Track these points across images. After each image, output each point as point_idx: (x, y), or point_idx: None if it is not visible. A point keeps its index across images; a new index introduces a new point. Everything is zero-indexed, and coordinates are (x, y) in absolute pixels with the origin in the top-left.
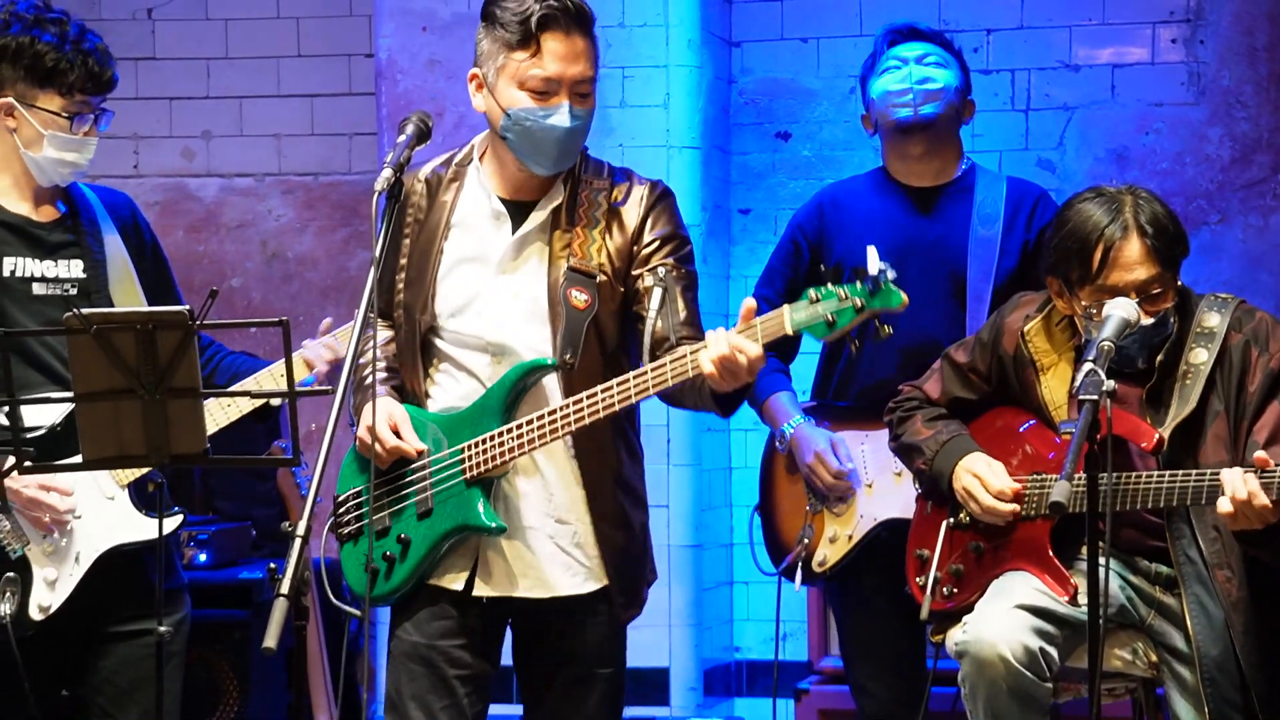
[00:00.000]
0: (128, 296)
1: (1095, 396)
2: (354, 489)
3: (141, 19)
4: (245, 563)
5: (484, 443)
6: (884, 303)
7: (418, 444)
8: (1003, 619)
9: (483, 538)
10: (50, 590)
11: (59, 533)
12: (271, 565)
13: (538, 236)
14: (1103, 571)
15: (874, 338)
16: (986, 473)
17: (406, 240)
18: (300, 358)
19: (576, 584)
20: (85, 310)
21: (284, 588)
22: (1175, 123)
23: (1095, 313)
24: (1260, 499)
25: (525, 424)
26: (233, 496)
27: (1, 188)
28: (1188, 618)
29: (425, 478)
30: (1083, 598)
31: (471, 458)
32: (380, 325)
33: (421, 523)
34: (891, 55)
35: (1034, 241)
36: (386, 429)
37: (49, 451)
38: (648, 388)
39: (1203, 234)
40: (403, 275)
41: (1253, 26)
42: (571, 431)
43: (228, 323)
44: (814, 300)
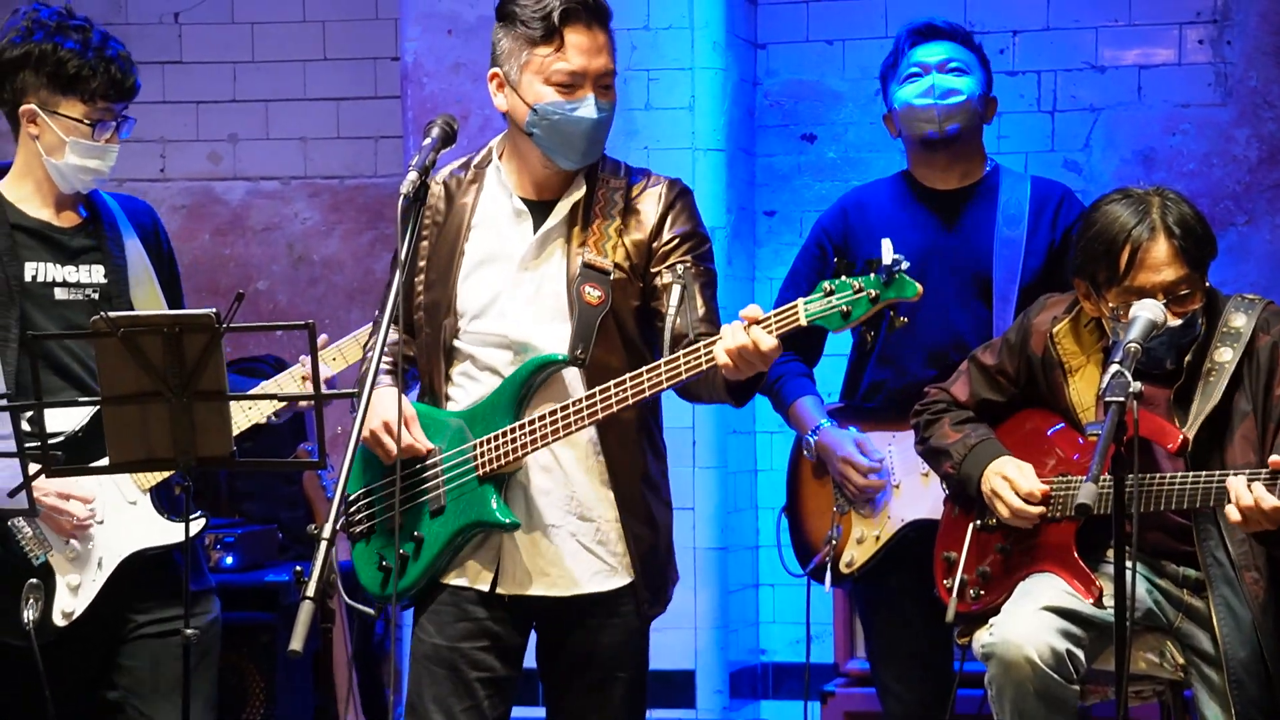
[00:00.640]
0: (149, 301)
1: (1121, 398)
2: (364, 488)
3: (168, 23)
4: (271, 565)
5: (496, 439)
6: (898, 293)
7: (426, 442)
8: (1029, 621)
9: (504, 536)
10: (74, 596)
11: (80, 539)
12: (297, 568)
13: (559, 234)
14: (1129, 574)
15: (889, 328)
16: (1016, 475)
17: (426, 243)
18: (301, 374)
19: (600, 581)
20: (112, 314)
21: (310, 590)
22: (1202, 124)
23: (1122, 314)
24: (1268, 501)
25: (538, 420)
26: (259, 499)
27: (23, 194)
28: (1215, 620)
29: (437, 475)
30: (1109, 600)
31: (483, 454)
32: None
33: (434, 521)
34: (913, 61)
35: (1059, 241)
36: (394, 426)
37: (73, 457)
38: (661, 381)
39: (1230, 235)
40: (423, 278)
41: None
42: (584, 427)
43: (254, 325)
44: (829, 292)
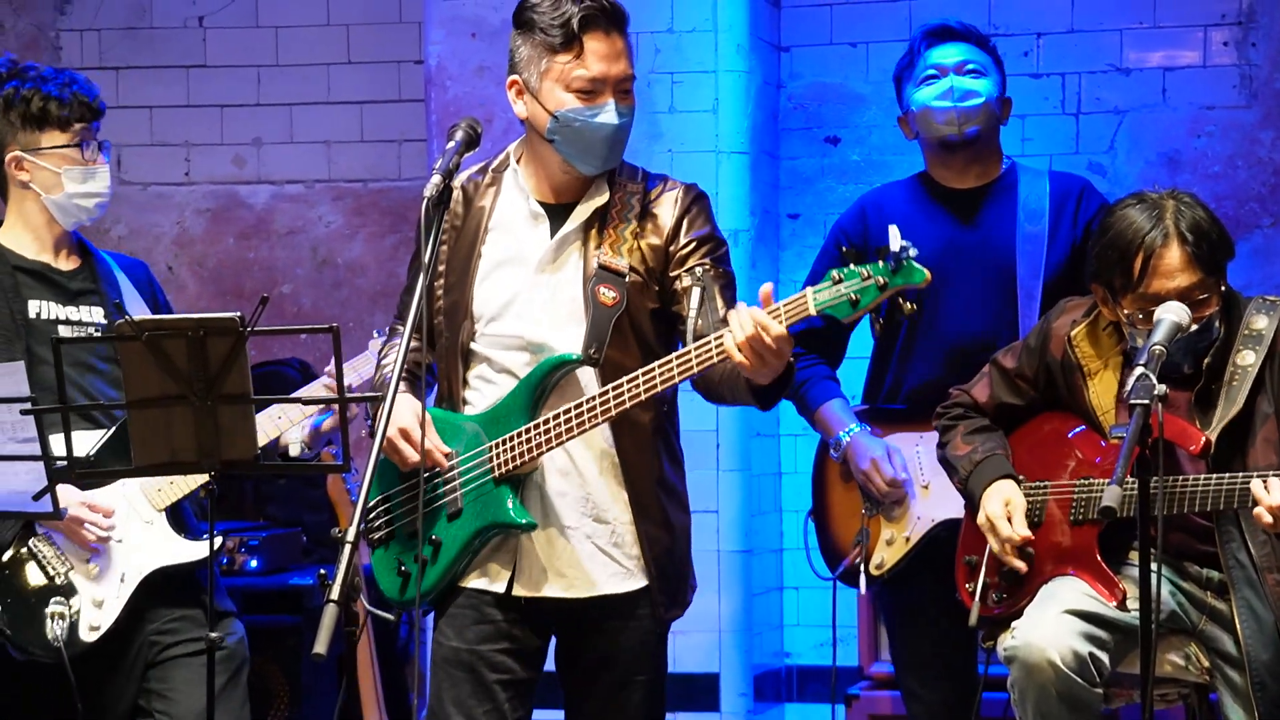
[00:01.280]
0: None
1: (1146, 401)
2: (382, 494)
3: (193, 27)
4: (296, 569)
5: (511, 440)
6: (906, 279)
7: (443, 448)
8: (1052, 624)
9: (520, 539)
10: (99, 610)
11: (101, 556)
12: (322, 571)
13: (576, 237)
14: (1154, 576)
15: (898, 313)
16: (999, 515)
17: (445, 248)
18: (322, 386)
19: (616, 583)
20: (137, 317)
21: (334, 593)
22: (1227, 126)
23: (1139, 320)
24: None
25: (552, 419)
26: (283, 502)
27: (22, 242)
28: (1237, 622)
29: (454, 479)
30: (1132, 603)
31: (499, 456)
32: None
33: (452, 524)
34: (930, 63)
35: (1081, 234)
36: (418, 430)
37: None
38: (673, 375)
39: (1255, 237)
40: (442, 282)
41: None
42: (599, 424)
43: (278, 329)
44: (837, 280)
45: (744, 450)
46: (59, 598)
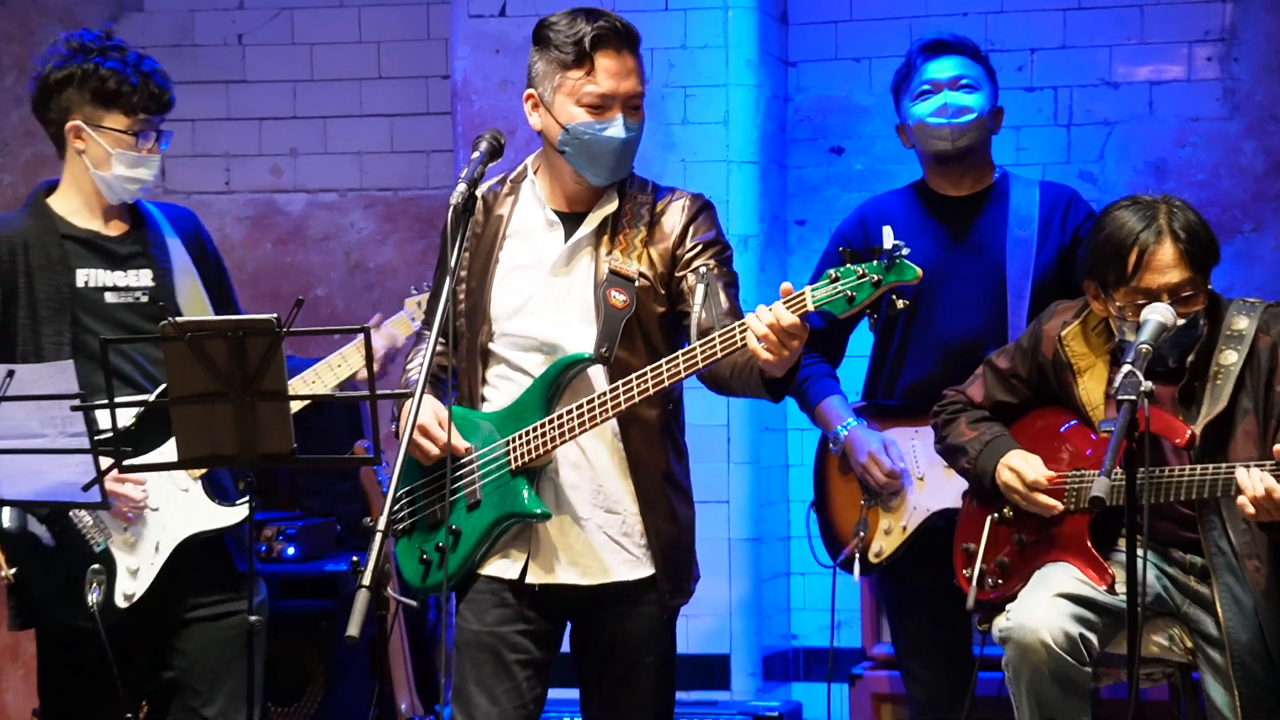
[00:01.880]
0: (193, 300)
1: (1134, 396)
2: (405, 488)
3: (232, 44)
4: (330, 556)
5: (527, 434)
6: (899, 276)
7: (462, 442)
8: (1045, 607)
9: (536, 529)
10: (133, 579)
11: (137, 522)
12: (354, 558)
13: (588, 243)
14: (1140, 562)
15: (890, 309)
16: (1023, 466)
17: (466, 254)
18: (355, 349)
19: (626, 570)
20: (179, 320)
21: (366, 579)
22: (1211, 136)
23: (1130, 314)
24: (1278, 492)
25: (565, 414)
26: (318, 494)
27: (72, 207)
28: (1219, 605)
29: (473, 472)
30: (1121, 587)
31: (515, 449)
32: (429, 337)
33: (471, 514)
34: (926, 78)
35: (1069, 240)
36: (437, 427)
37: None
38: (680, 370)
39: (1237, 242)
40: (463, 286)
41: None
42: (610, 418)
43: (313, 330)
44: (834, 279)
45: (753, 444)
46: (96, 566)
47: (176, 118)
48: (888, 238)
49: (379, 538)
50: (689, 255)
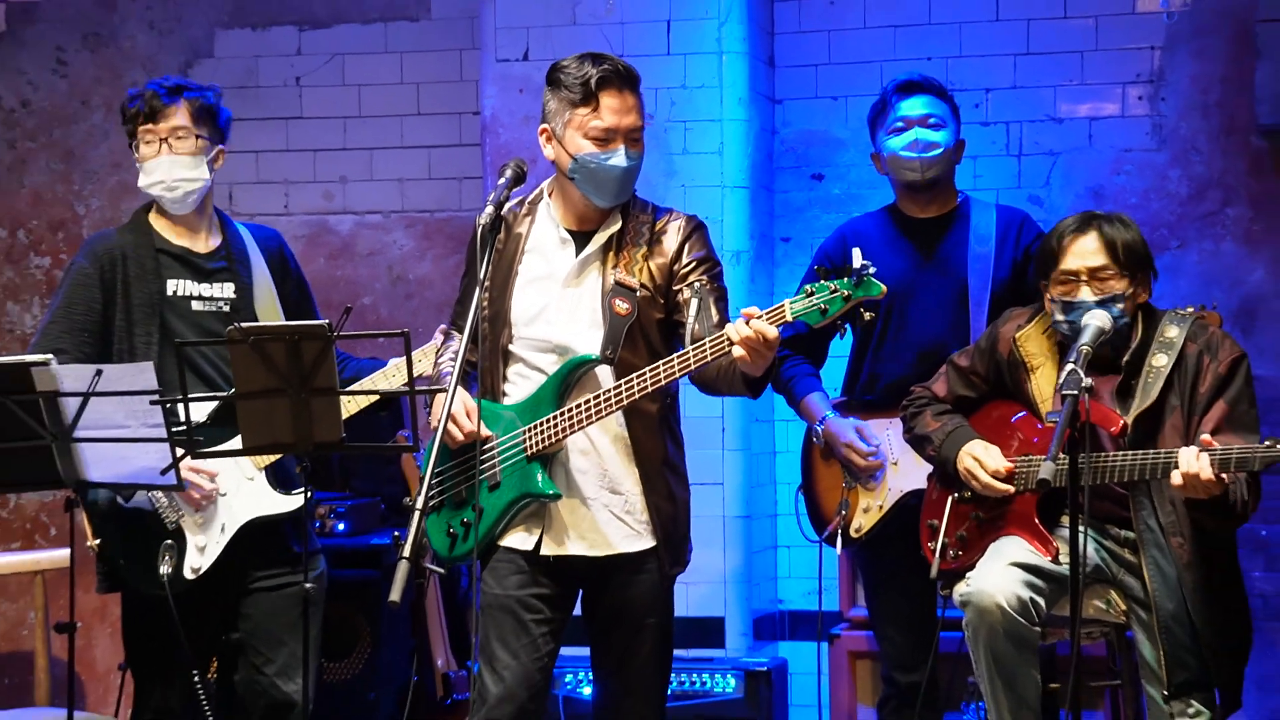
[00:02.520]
0: (269, 312)
1: (1075, 392)
2: (435, 471)
3: (291, 85)
4: (376, 532)
5: (541, 425)
6: (865, 292)
7: (485, 430)
8: (999, 575)
9: (549, 507)
10: (200, 554)
11: (207, 506)
12: (396, 534)
13: (596, 258)
14: (1081, 536)
15: (858, 321)
16: (984, 455)
17: (489, 267)
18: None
19: (628, 543)
20: (244, 325)
21: (406, 551)
22: (1142, 165)
23: (1062, 300)
24: (1206, 473)
25: (575, 407)
26: (365, 477)
27: (166, 224)
28: (1146, 577)
29: (494, 456)
30: (1064, 557)
31: (530, 437)
32: (457, 338)
33: (492, 494)
34: (899, 115)
35: (1021, 256)
36: (465, 417)
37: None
38: (674, 371)
39: (1165, 257)
40: (487, 295)
41: (1207, 87)
42: (614, 411)
43: (359, 334)
44: (810, 294)
45: (745, 433)
46: (169, 542)
47: (242, 150)
48: (856, 258)
49: (417, 516)
50: (684, 270)
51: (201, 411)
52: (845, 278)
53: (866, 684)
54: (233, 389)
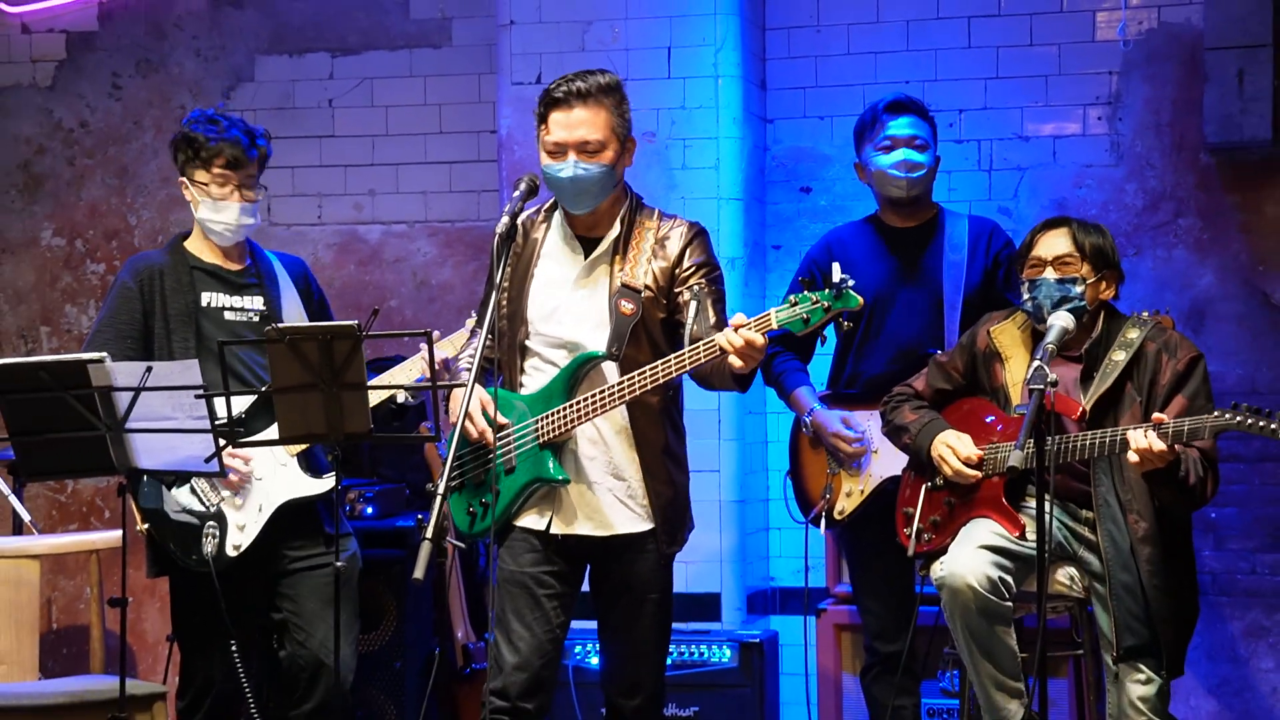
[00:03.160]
0: (295, 321)
1: (1042, 386)
2: (455, 457)
3: (324, 107)
4: (402, 515)
5: (552, 415)
6: (844, 304)
7: (501, 420)
8: (970, 557)
9: (558, 490)
10: (241, 533)
11: (243, 488)
12: (419, 516)
13: (603, 261)
14: (1046, 517)
15: (838, 330)
16: (956, 444)
17: (508, 269)
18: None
19: (631, 525)
20: (280, 325)
21: (428, 533)
22: (1101, 180)
23: (1030, 280)
24: (1158, 445)
25: (584, 400)
26: (392, 464)
27: (200, 247)
28: (1102, 548)
29: (510, 443)
30: (1030, 535)
31: (543, 426)
32: (479, 334)
33: (507, 477)
34: (887, 133)
35: (991, 262)
36: (479, 414)
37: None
38: (671, 370)
39: (1123, 264)
40: (505, 296)
41: (1159, 108)
42: (619, 404)
43: (386, 333)
44: (793, 304)
45: (739, 424)
46: (211, 523)
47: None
48: (835, 272)
49: (438, 500)
50: (685, 274)
51: (239, 407)
52: (826, 289)
53: (850, 654)
54: (266, 385)
